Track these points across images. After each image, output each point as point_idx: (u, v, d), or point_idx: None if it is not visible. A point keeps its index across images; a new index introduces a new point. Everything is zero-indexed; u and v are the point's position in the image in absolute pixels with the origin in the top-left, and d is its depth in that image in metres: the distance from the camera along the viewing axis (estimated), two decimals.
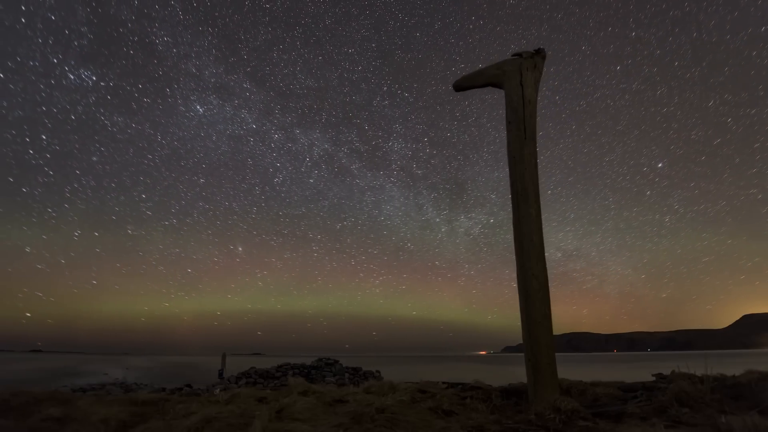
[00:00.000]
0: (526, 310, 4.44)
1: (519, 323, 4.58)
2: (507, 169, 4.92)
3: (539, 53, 5.12)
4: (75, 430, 3.87)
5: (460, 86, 5.44)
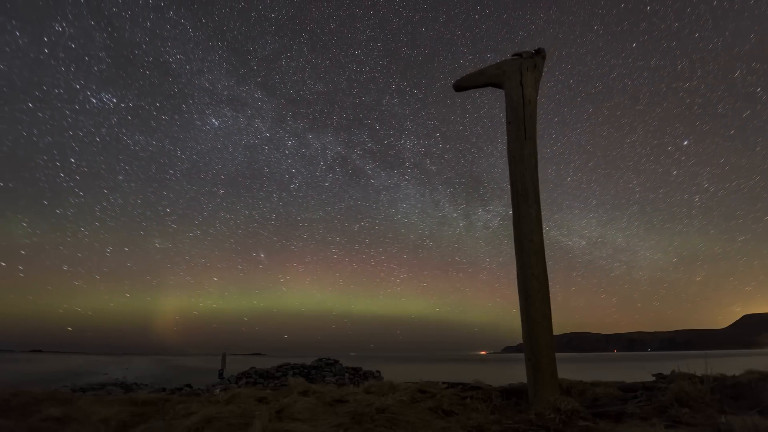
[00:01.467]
0: (526, 310, 4.44)
1: (519, 323, 4.58)
2: None
3: (539, 53, 5.12)
4: (75, 430, 3.87)
5: (460, 86, 5.44)
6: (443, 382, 5.77)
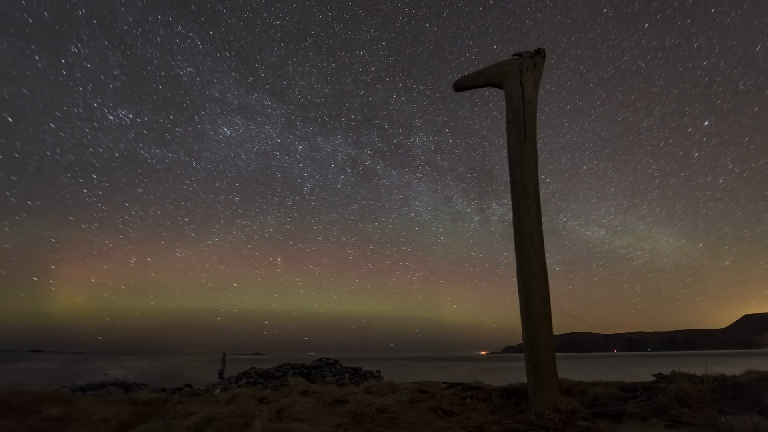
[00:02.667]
0: (526, 310, 4.44)
1: (519, 323, 4.58)
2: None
3: (539, 53, 5.13)
4: (75, 430, 3.87)
5: (460, 86, 5.44)
6: (443, 382, 5.77)
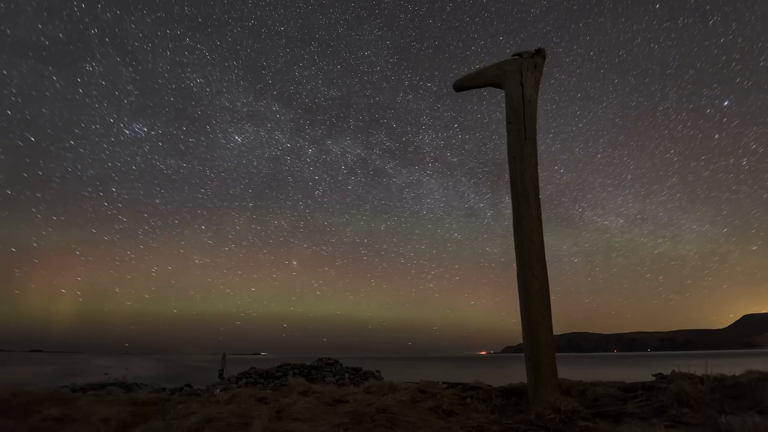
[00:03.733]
0: (526, 310, 4.44)
1: (519, 323, 4.58)
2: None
3: (539, 53, 5.13)
4: (75, 430, 3.86)
5: (461, 86, 5.44)
6: (443, 382, 5.77)
